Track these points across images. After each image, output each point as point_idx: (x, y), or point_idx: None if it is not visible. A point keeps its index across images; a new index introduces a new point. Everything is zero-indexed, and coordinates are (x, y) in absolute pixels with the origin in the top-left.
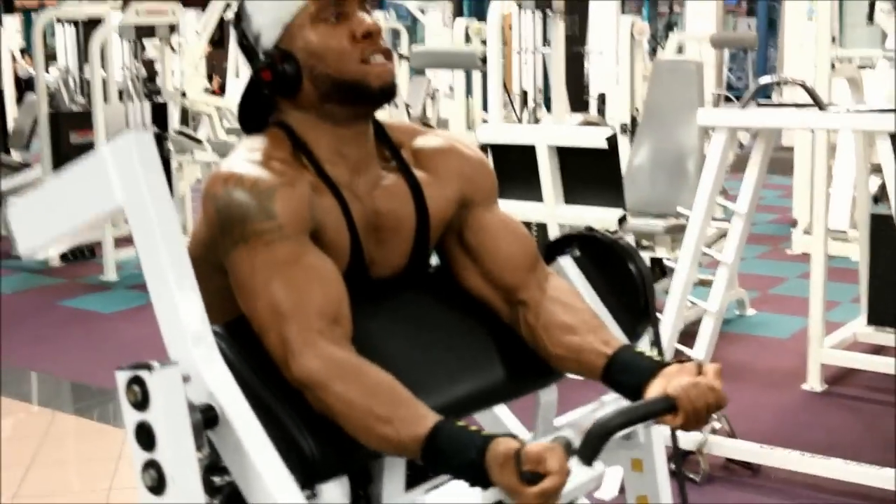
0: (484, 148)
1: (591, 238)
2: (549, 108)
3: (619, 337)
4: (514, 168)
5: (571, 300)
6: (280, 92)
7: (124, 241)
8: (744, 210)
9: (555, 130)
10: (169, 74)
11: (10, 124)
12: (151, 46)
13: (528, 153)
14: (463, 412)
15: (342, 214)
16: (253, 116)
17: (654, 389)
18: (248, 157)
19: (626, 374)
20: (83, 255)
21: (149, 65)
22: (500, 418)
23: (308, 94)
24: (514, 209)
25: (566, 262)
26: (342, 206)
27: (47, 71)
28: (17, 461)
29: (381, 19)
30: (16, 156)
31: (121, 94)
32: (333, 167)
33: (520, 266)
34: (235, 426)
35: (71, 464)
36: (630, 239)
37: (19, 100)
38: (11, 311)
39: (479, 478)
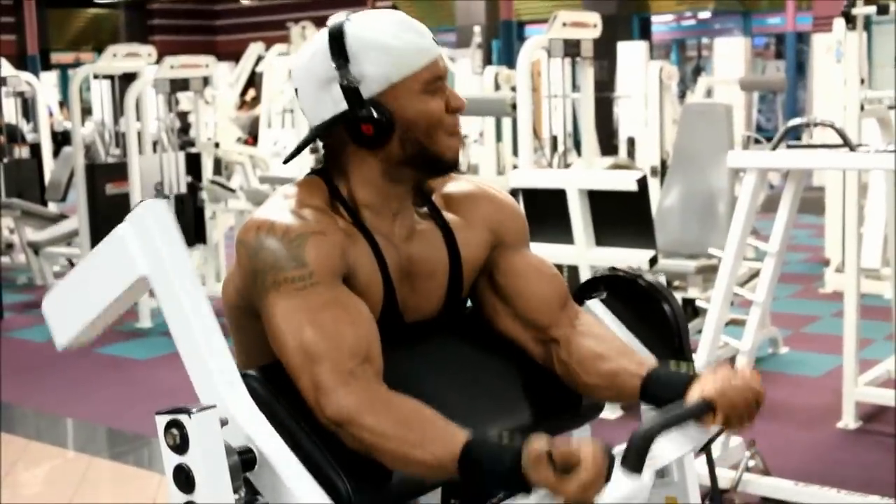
0: (515, 193)
1: (621, 278)
2: (579, 152)
3: (650, 359)
4: (546, 212)
5: (600, 331)
6: (365, 144)
7: None
8: (775, 249)
9: (585, 174)
10: (203, 126)
11: (47, 177)
12: (185, 99)
13: (558, 197)
14: None
15: (375, 260)
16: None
17: (693, 395)
18: (281, 204)
19: (663, 387)
20: None
21: (183, 116)
22: None
23: (391, 153)
24: (546, 252)
25: (594, 304)
26: (375, 253)
27: (83, 124)
28: None
29: None
30: (52, 207)
31: (155, 145)
32: (373, 215)
33: (551, 305)
34: (277, 468)
35: None
36: (661, 279)
37: (56, 153)
38: (48, 358)
39: (517, 482)
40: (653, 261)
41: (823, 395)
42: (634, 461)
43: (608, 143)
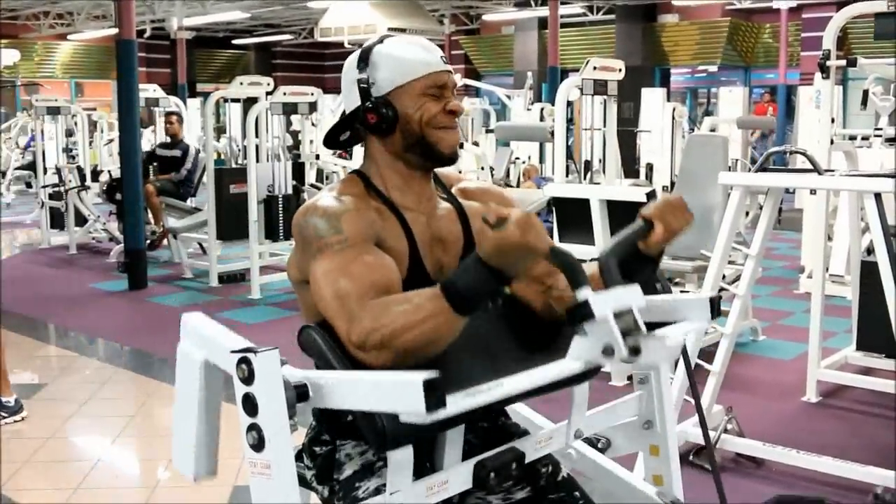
0: (551, 201)
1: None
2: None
3: None
4: (573, 217)
5: None
6: (374, 132)
7: (267, 268)
8: (755, 253)
9: (605, 188)
10: (308, 142)
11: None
12: (296, 121)
13: (583, 205)
14: (511, 400)
15: (403, 231)
16: (335, 141)
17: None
18: (326, 195)
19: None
20: (236, 279)
21: (295, 134)
22: (529, 417)
23: (396, 140)
24: (571, 250)
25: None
26: (403, 225)
27: (218, 139)
28: None
29: (477, 104)
30: (190, 202)
31: (277, 156)
32: (402, 195)
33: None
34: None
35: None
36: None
37: None
38: (178, 319)
39: (480, 270)
40: None
41: (792, 374)
42: (611, 277)
43: (631, 168)
